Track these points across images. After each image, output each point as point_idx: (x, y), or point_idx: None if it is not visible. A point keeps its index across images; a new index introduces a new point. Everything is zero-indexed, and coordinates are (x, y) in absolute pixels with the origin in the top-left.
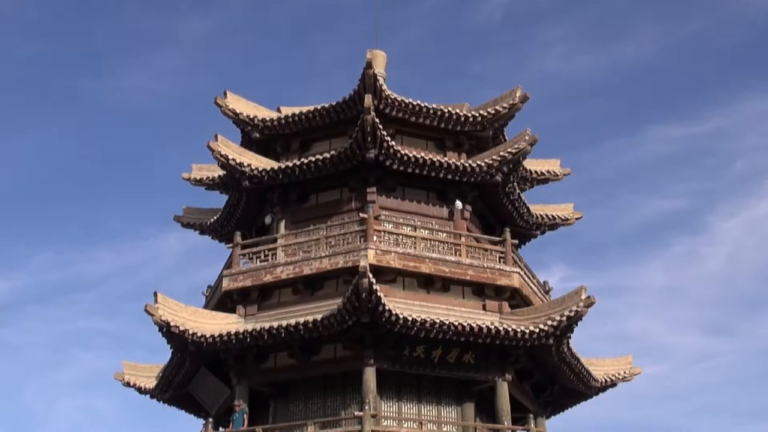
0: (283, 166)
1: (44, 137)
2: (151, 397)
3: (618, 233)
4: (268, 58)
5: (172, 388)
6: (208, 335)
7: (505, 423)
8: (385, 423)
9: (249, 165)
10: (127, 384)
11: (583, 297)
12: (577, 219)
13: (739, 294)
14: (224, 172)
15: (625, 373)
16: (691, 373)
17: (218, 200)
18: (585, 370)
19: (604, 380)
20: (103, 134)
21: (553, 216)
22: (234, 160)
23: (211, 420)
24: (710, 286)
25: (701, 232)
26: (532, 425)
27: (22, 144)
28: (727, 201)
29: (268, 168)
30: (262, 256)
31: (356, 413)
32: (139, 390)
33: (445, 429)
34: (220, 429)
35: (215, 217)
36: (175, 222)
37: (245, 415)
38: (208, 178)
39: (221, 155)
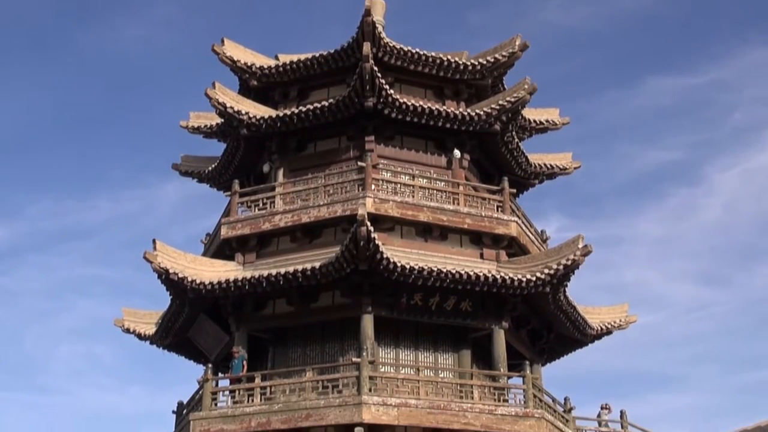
0: (281, 114)
1: (42, 87)
2: (151, 343)
3: (615, 184)
4: (266, 8)
5: (172, 335)
6: (206, 282)
7: (501, 370)
8: (382, 369)
9: (247, 113)
10: (127, 330)
11: (580, 246)
12: (575, 168)
13: (734, 245)
14: (222, 120)
15: (620, 321)
16: (685, 322)
17: (216, 149)
18: (581, 318)
19: (599, 328)
20: (100, 84)
21: (551, 165)
22: (232, 108)
23: (210, 366)
24: (706, 236)
25: (698, 184)
26: (528, 372)
27: (20, 93)
28: (725, 152)
29: (266, 116)
30: (261, 205)
31: (354, 359)
32: (139, 336)
33: (441, 375)
34: (220, 374)
35: (213, 165)
36: (173, 170)
37: (244, 361)
38: (205, 126)
39: (219, 103)
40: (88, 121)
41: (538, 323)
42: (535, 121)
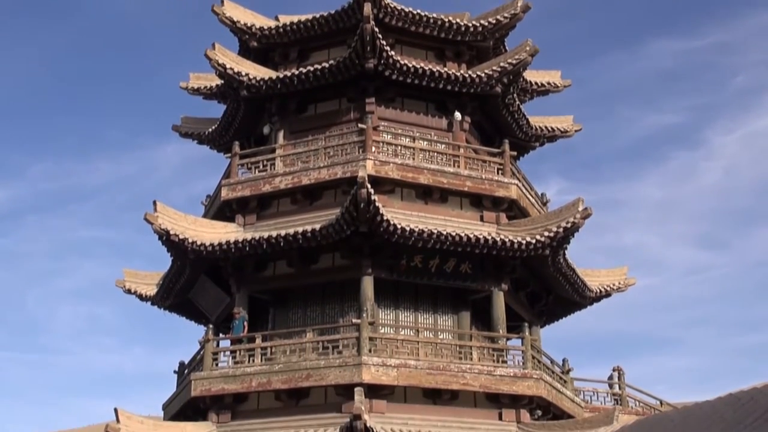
0: (281, 75)
1: (42, 49)
2: (152, 304)
3: (615, 147)
4: None
5: (173, 296)
6: (207, 243)
7: (500, 331)
8: (382, 330)
9: (247, 74)
10: (128, 291)
11: (580, 209)
12: (576, 131)
13: (734, 208)
14: (222, 82)
15: (619, 283)
16: (683, 285)
17: (216, 110)
18: (580, 280)
19: (598, 290)
20: (100, 45)
21: (552, 128)
22: (232, 69)
23: (211, 326)
24: (705, 200)
25: (698, 147)
26: (527, 333)
27: (19, 55)
28: (726, 116)
29: (266, 77)
30: (261, 166)
31: (354, 320)
32: (140, 297)
33: (441, 336)
34: (221, 335)
35: (213, 127)
36: (173, 132)
37: (245, 322)
38: (205, 87)
39: (219, 64)
40: (88, 82)
41: (538, 285)
42: (536, 83)
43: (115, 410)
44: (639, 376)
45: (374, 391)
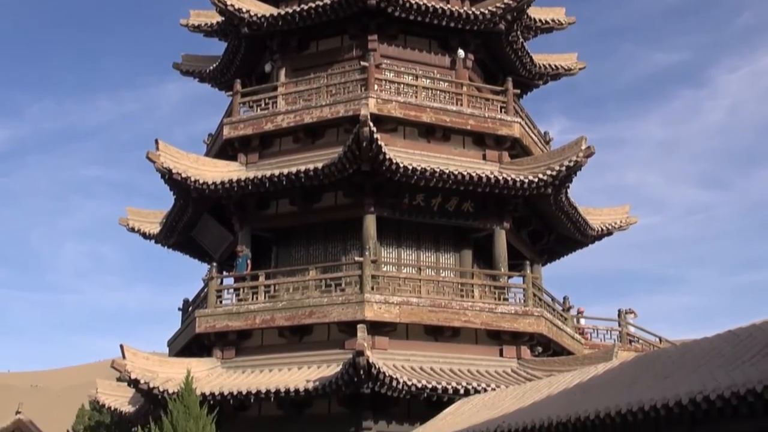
0: (282, 12)
1: None
2: (156, 242)
3: (619, 86)
4: None
5: (176, 234)
6: (210, 182)
7: (502, 269)
8: (384, 268)
9: (248, 11)
10: (132, 229)
11: (583, 147)
12: (580, 69)
13: (736, 148)
14: (222, 19)
15: (621, 222)
16: (685, 224)
17: (218, 48)
18: (582, 218)
19: (600, 229)
20: None
21: (555, 66)
22: (232, 5)
23: (215, 264)
24: (708, 139)
25: (702, 86)
26: (528, 271)
27: None
28: (731, 54)
29: (267, 14)
30: (263, 105)
31: (357, 258)
32: (144, 235)
33: (443, 274)
34: (224, 273)
35: (215, 65)
36: (174, 70)
37: (248, 260)
38: (206, 24)
39: (219, 0)
40: (87, 21)
41: (539, 224)
42: (540, 20)
43: (121, 347)
44: (640, 314)
45: (377, 327)
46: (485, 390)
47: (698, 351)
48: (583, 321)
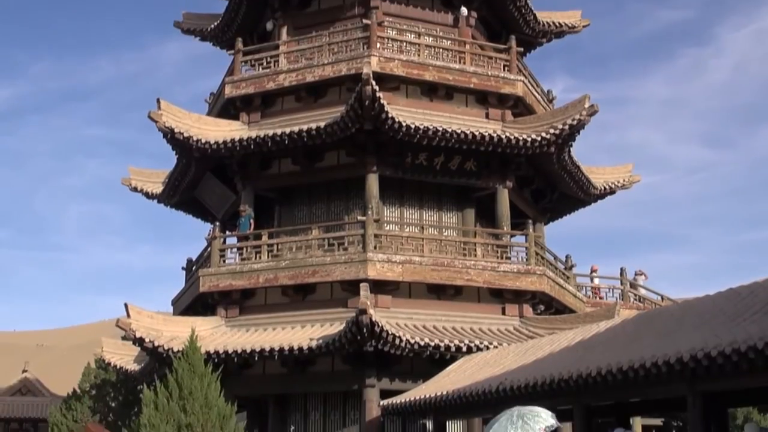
0: None
1: None
2: (159, 201)
3: (623, 44)
4: None
5: (179, 193)
6: (212, 141)
7: (505, 228)
8: (387, 227)
9: None
10: (134, 189)
11: (586, 106)
12: (584, 26)
13: (741, 106)
14: None
15: (624, 181)
16: (689, 183)
17: (219, 6)
18: (585, 177)
19: (603, 188)
20: None
21: (559, 23)
22: None
23: (218, 224)
24: (713, 98)
25: (708, 44)
26: (531, 230)
27: None
28: (737, 11)
29: None
30: (264, 63)
31: (359, 218)
32: (147, 195)
33: (445, 233)
34: (227, 232)
35: (216, 23)
36: (175, 29)
37: (251, 220)
38: None
39: None
40: None
41: (542, 183)
42: None
43: (126, 306)
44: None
45: (379, 286)
46: (488, 348)
47: (700, 308)
48: (596, 280)
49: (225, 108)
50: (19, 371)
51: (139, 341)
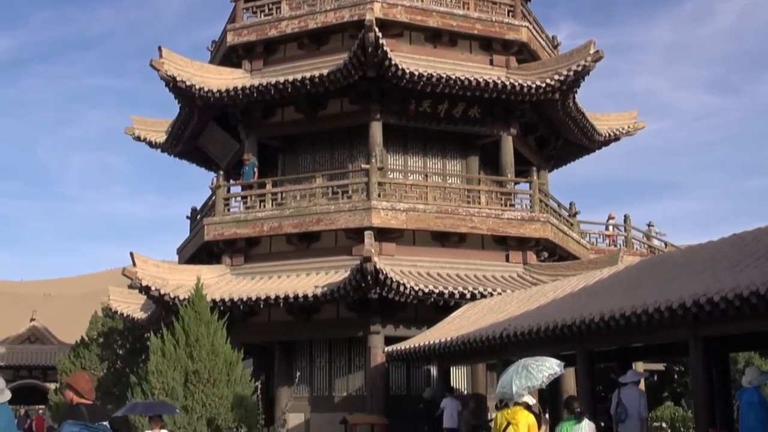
0: None
1: None
2: (162, 151)
3: None
4: None
5: (182, 142)
6: (214, 90)
7: (509, 175)
8: (391, 175)
9: None
10: (138, 138)
11: (591, 52)
12: None
13: (747, 52)
14: None
15: (628, 127)
16: (693, 129)
17: None
18: (589, 124)
19: (607, 134)
20: None
21: None
22: None
23: (221, 173)
24: (719, 43)
25: None
26: (535, 177)
27: None
28: None
29: None
30: (266, 10)
31: (363, 166)
32: (150, 144)
33: (449, 181)
34: (231, 181)
35: None
36: None
37: (255, 168)
38: None
39: None
40: None
41: (546, 130)
42: None
43: (131, 254)
44: (645, 220)
45: (383, 234)
46: (491, 294)
47: (703, 254)
48: (610, 228)
49: (227, 56)
50: (27, 320)
51: (145, 290)
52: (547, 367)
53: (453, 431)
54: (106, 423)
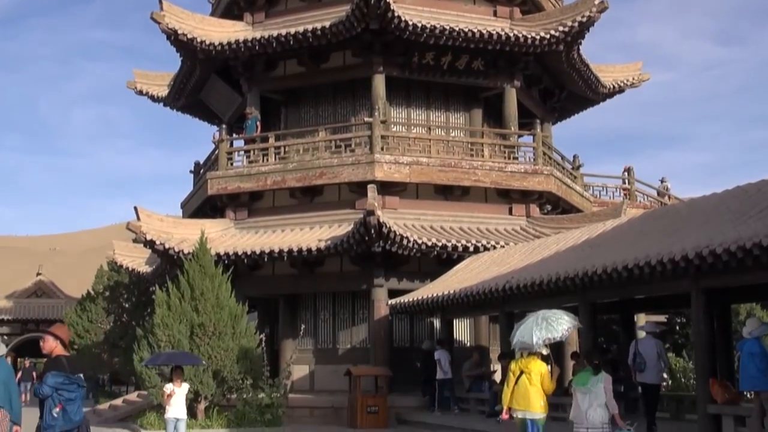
0: None
1: None
2: (164, 105)
3: None
4: None
5: (184, 96)
6: (216, 43)
7: (512, 128)
8: (394, 128)
9: None
10: (140, 92)
11: (596, 2)
12: None
13: (754, 1)
14: None
15: (633, 79)
16: (698, 81)
17: None
18: (593, 75)
19: (612, 86)
20: None
21: None
22: None
23: (224, 126)
24: None
25: None
26: (538, 130)
27: None
28: None
29: None
30: None
31: (366, 119)
32: (152, 98)
33: (452, 134)
34: (234, 135)
35: None
36: None
37: (257, 122)
38: None
39: None
40: None
41: (550, 82)
42: None
43: (135, 209)
44: (649, 172)
45: (387, 187)
46: (494, 247)
47: (707, 206)
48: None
49: (228, 8)
50: (33, 274)
51: (149, 244)
52: (565, 320)
53: (446, 381)
54: (81, 375)
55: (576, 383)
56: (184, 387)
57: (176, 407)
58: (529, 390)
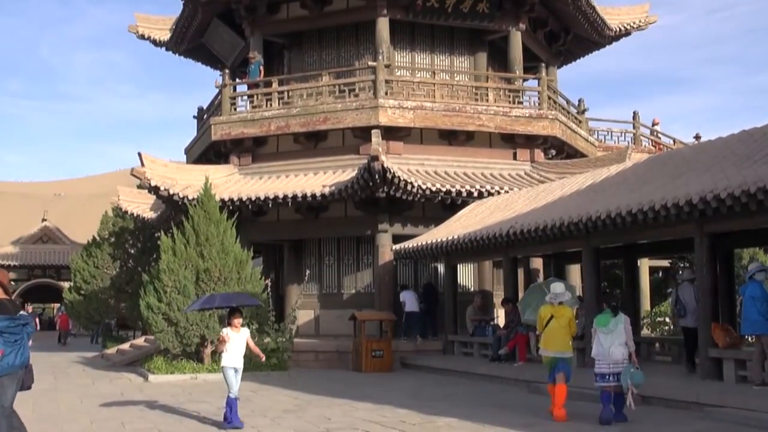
0: None
1: None
2: (167, 49)
3: None
4: None
5: (187, 40)
6: None
7: (517, 72)
8: (398, 73)
9: None
10: (141, 36)
11: None
12: None
13: None
14: None
15: (639, 21)
16: (706, 23)
17: None
18: (599, 18)
19: (618, 28)
20: None
21: None
22: None
23: (227, 71)
24: None
25: None
26: (543, 74)
27: None
28: None
29: None
30: None
31: (370, 63)
32: (154, 42)
33: (457, 78)
34: (237, 80)
35: None
36: None
37: (261, 66)
38: None
39: None
40: None
41: (556, 24)
42: None
43: (139, 154)
44: (654, 116)
45: (391, 132)
46: (498, 192)
47: (711, 151)
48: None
49: None
50: (38, 220)
51: (154, 189)
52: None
53: (410, 315)
54: (25, 313)
55: (597, 324)
56: (244, 332)
57: (233, 355)
58: (560, 332)
